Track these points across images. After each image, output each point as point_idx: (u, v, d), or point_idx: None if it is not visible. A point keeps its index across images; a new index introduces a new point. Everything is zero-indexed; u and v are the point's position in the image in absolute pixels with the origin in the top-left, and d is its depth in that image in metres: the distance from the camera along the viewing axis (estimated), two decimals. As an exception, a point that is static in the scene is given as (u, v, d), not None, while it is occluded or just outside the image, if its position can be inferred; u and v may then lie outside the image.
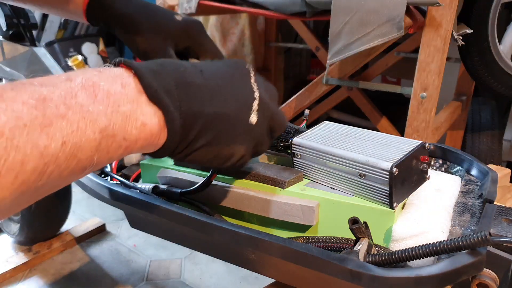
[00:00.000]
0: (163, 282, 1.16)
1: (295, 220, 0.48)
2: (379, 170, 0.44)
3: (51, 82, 0.30)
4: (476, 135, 1.42)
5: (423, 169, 0.48)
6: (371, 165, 0.44)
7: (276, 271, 0.49)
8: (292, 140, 0.52)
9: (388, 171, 0.43)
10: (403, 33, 0.85)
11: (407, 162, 0.45)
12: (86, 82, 0.31)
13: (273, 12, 1.03)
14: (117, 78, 0.33)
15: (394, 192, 0.43)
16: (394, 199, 0.44)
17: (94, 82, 0.31)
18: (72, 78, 0.31)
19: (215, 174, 0.53)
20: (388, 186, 0.43)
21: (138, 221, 0.61)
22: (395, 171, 0.43)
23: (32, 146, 0.26)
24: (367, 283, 0.37)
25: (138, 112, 0.33)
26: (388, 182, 0.43)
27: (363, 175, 0.46)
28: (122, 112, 0.32)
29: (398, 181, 0.44)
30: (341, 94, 1.62)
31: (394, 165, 0.43)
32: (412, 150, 0.46)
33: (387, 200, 0.44)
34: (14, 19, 0.94)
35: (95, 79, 0.32)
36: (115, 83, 0.33)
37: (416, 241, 0.43)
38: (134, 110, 0.33)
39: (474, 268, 0.36)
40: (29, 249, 1.24)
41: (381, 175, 0.44)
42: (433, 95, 0.91)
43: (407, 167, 0.45)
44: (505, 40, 1.12)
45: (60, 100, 0.29)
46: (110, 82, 0.32)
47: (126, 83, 0.33)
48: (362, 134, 0.52)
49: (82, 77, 0.31)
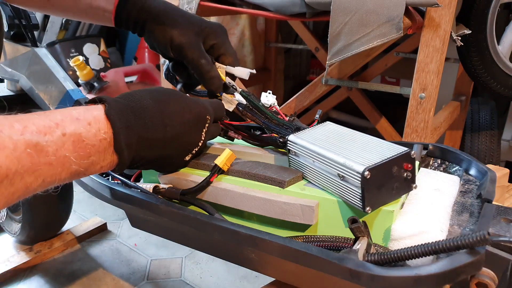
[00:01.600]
0: (164, 281, 1.16)
1: (294, 220, 0.48)
2: (353, 173, 0.44)
3: (49, 130, 0.39)
4: (475, 135, 1.43)
5: (407, 177, 0.47)
6: (348, 167, 0.45)
7: (275, 270, 0.50)
8: (288, 137, 0.53)
9: (360, 173, 0.43)
10: (402, 34, 0.85)
11: (385, 167, 0.44)
12: (75, 137, 0.41)
13: (273, 13, 1.03)
14: (98, 133, 0.43)
15: (366, 196, 0.43)
16: (366, 203, 0.43)
17: (80, 137, 0.42)
18: (66, 129, 0.40)
19: (215, 174, 0.53)
20: (360, 189, 0.43)
21: (139, 220, 0.61)
22: (367, 174, 0.43)
23: (23, 184, 0.37)
24: (366, 282, 0.37)
25: (101, 160, 0.44)
26: (360, 185, 0.43)
27: (342, 176, 0.46)
28: (91, 160, 0.43)
29: (371, 185, 0.43)
30: (341, 94, 1.62)
31: (367, 169, 0.43)
32: (392, 157, 0.45)
33: (360, 203, 0.44)
34: (16, 19, 0.94)
35: (82, 132, 0.42)
36: (95, 137, 0.43)
37: (415, 241, 0.43)
38: (100, 159, 0.44)
39: (473, 268, 0.37)
40: (30, 248, 1.24)
41: (355, 178, 0.44)
42: (432, 95, 0.91)
43: (385, 173, 0.45)
44: (503, 40, 1.12)
45: (52, 151, 0.39)
46: (92, 136, 0.43)
47: (103, 138, 0.44)
48: (354, 136, 0.52)
49: (73, 129, 0.41)
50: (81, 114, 0.43)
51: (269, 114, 0.60)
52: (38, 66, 0.87)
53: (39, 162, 0.37)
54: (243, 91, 0.62)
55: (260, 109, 0.60)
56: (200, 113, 0.54)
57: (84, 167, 0.43)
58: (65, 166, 0.40)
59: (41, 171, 0.38)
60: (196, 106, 0.54)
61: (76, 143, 0.41)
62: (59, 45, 1.84)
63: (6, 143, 0.35)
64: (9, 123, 0.37)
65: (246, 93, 0.61)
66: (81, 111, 0.43)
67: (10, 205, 0.37)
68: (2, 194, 0.35)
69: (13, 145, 0.35)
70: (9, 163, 0.35)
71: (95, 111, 0.45)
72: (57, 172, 0.40)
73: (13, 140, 0.36)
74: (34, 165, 0.37)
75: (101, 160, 0.44)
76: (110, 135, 0.44)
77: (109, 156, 0.45)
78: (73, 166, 0.41)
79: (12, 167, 0.35)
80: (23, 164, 0.36)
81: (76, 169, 0.42)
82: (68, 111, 0.43)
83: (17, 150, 0.36)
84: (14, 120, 0.37)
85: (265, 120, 0.59)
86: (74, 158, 0.41)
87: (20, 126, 0.37)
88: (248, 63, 1.85)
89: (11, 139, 0.36)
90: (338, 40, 0.92)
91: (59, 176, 0.40)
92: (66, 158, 0.40)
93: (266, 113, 0.60)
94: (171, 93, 0.53)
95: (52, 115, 0.41)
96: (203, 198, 0.54)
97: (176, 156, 0.54)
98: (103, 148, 0.44)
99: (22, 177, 0.36)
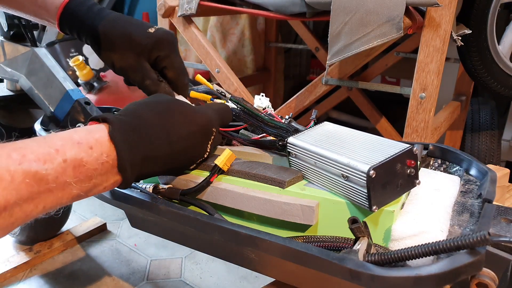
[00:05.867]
0: (163, 281, 1.16)
1: (295, 220, 0.48)
2: (358, 172, 0.44)
3: (48, 157, 0.38)
4: (475, 135, 1.43)
5: (410, 173, 0.47)
6: (352, 167, 0.45)
7: (275, 271, 0.50)
8: (287, 139, 0.53)
9: (365, 173, 0.43)
10: (403, 34, 0.85)
11: (389, 165, 0.44)
12: (75, 162, 0.40)
13: (273, 13, 1.03)
14: (101, 157, 0.42)
15: (372, 195, 0.43)
16: (372, 202, 0.43)
17: (81, 162, 0.40)
18: (66, 155, 0.39)
19: (215, 174, 0.53)
20: (366, 188, 0.43)
21: (139, 220, 0.61)
22: (372, 173, 0.43)
23: (22, 213, 0.36)
24: (367, 283, 0.37)
25: (104, 181, 0.43)
26: (366, 184, 0.43)
27: (346, 177, 0.46)
28: (92, 183, 0.42)
29: (376, 184, 0.43)
30: (341, 94, 1.62)
31: (372, 168, 0.43)
32: (395, 154, 0.45)
33: (366, 202, 0.44)
34: (15, 19, 0.94)
35: (84, 157, 0.41)
36: (97, 161, 0.42)
37: (415, 241, 0.43)
38: (103, 180, 0.43)
39: (473, 268, 0.37)
40: (30, 248, 1.24)
41: (360, 177, 0.44)
42: (432, 95, 0.91)
43: (389, 171, 0.45)
44: (504, 40, 1.12)
45: (52, 179, 0.38)
46: (93, 161, 0.41)
47: (105, 161, 0.42)
48: (355, 136, 0.52)
49: (74, 154, 0.40)
50: (82, 137, 0.42)
51: (260, 116, 0.59)
52: (37, 66, 0.87)
53: (38, 190, 0.37)
54: (233, 96, 0.62)
55: (253, 112, 0.60)
56: (205, 124, 0.53)
57: (85, 191, 0.42)
58: (66, 192, 0.40)
59: (41, 199, 0.37)
60: (200, 117, 0.52)
61: (77, 168, 0.40)
62: (58, 45, 1.84)
63: (4, 175, 0.34)
64: (6, 153, 0.36)
65: (236, 98, 0.62)
66: (82, 134, 0.42)
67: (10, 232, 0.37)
68: (1, 226, 0.35)
69: (10, 177, 0.35)
70: (7, 195, 0.34)
71: (98, 133, 0.43)
72: (58, 198, 0.39)
73: (10, 171, 0.35)
74: (34, 194, 0.36)
75: (103, 181, 0.43)
76: (112, 158, 0.43)
77: (112, 176, 0.44)
78: (74, 190, 0.40)
79: (11, 198, 0.34)
80: (22, 195, 0.35)
81: (78, 193, 0.41)
82: (68, 134, 0.42)
83: (15, 181, 0.35)
84: (12, 149, 0.36)
85: (260, 123, 0.59)
86: (75, 183, 0.40)
87: (18, 155, 0.36)
88: (248, 63, 1.85)
89: (8, 170, 0.35)
90: (338, 40, 0.92)
91: (60, 201, 0.40)
92: (67, 183, 0.39)
93: (258, 116, 0.60)
94: (174, 103, 0.52)
95: (52, 141, 0.40)
96: (203, 198, 0.54)
97: (181, 168, 0.55)
98: (105, 170, 0.43)
99: (21, 207, 0.36)
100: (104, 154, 0.42)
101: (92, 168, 0.41)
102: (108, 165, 0.43)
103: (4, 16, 0.94)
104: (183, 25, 1.24)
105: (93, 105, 0.79)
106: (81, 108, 0.78)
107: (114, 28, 0.61)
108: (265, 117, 0.59)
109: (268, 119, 0.59)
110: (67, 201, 0.41)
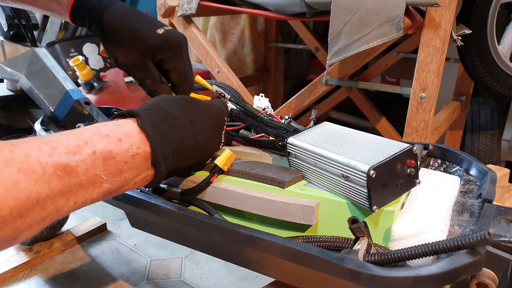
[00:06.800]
0: (163, 281, 1.16)
1: (295, 220, 0.48)
2: (358, 172, 0.44)
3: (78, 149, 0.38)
4: (475, 135, 1.43)
5: (410, 173, 0.47)
6: (352, 167, 0.45)
7: (276, 271, 0.50)
8: (287, 140, 0.53)
9: (365, 173, 0.43)
10: (403, 34, 0.85)
11: (389, 165, 0.45)
12: (105, 154, 0.39)
13: (273, 13, 1.03)
14: (131, 149, 0.41)
15: (372, 194, 0.43)
16: (373, 202, 0.44)
17: (110, 154, 0.40)
18: (96, 147, 0.39)
19: (215, 174, 0.53)
20: (366, 188, 0.43)
21: (139, 220, 0.61)
22: (372, 173, 0.43)
23: (54, 207, 0.36)
24: (367, 283, 0.37)
25: (135, 175, 0.43)
26: (366, 184, 0.43)
27: (346, 177, 0.46)
28: (123, 177, 0.41)
29: (377, 184, 0.43)
30: (341, 94, 1.62)
31: (372, 168, 0.43)
32: (395, 154, 0.45)
33: (367, 202, 0.44)
34: (15, 19, 0.94)
35: (113, 149, 0.40)
36: (127, 153, 0.41)
37: (415, 241, 0.43)
38: (134, 175, 0.42)
39: (473, 268, 0.37)
40: (30, 248, 1.24)
41: (360, 177, 0.44)
42: (432, 95, 0.91)
43: (389, 171, 0.45)
44: (504, 40, 1.12)
45: (83, 172, 0.37)
46: (123, 153, 0.41)
47: (136, 154, 0.42)
48: (354, 136, 0.52)
49: (103, 146, 0.39)
50: (110, 130, 0.41)
51: (260, 117, 0.59)
52: (37, 66, 0.87)
53: (69, 183, 0.36)
54: (232, 97, 0.62)
55: (252, 113, 0.60)
56: (219, 115, 0.54)
57: (117, 185, 0.41)
58: (96, 185, 0.39)
59: (72, 193, 0.37)
60: (213, 108, 0.54)
61: (107, 161, 0.39)
62: (58, 45, 1.84)
63: (35, 167, 0.34)
64: (37, 145, 0.35)
65: (235, 99, 0.62)
66: (110, 127, 0.42)
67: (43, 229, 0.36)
68: (34, 220, 0.34)
69: (42, 169, 0.34)
70: (39, 188, 0.34)
71: (125, 126, 0.43)
72: (89, 192, 0.39)
73: (41, 164, 0.34)
74: (65, 187, 0.36)
75: (134, 176, 0.43)
76: (144, 150, 0.43)
77: (143, 171, 0.43)
78: (105, 184, 0.40)
79: (42, 191, 0.34)
80: (53, 187, 0.35)
81: (109, 188, 0.40)
82: (96, 127, 0.41)
83: (46, 173, 0.34)
84: (42, 142, 0.36)
85: (260, 123, 0.59)
86: (105, 176, 0.39)
87: (48, 148, 0.36)
88: (248, 63, 1.85)
89: (39, 162, 0.34)
90: (338, 40, 0.92)
91: (90, 196, 0.39)
92: (97, 176, 0.39)
93: (258, 116, 0.60)
94: (187, 99, 0.52)
95: (81, 133, 0.40)
96: (203, 198, 0.54)
97: (201, 162, 0.54)
98: (137, 163, 0.42)
99: (53, 201, 0.35)
100: (134, 146, 0.42)
101: (123, 160, 0.41)
102: (139, 157, 0.42)
103: (4, 16, 0.94)
104: (183, 25, 1.24)
105: (93, 105, 0.79)
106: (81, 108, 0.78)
107: (123, 23, 0.61)
108: (265, 118, 0.60)
109: (268, 119, 0.59)
110: (98, 197, 0.40)
